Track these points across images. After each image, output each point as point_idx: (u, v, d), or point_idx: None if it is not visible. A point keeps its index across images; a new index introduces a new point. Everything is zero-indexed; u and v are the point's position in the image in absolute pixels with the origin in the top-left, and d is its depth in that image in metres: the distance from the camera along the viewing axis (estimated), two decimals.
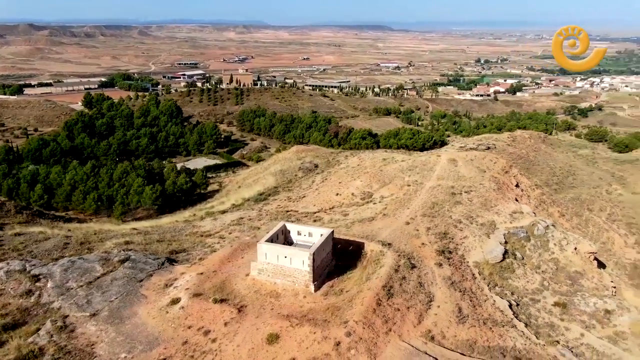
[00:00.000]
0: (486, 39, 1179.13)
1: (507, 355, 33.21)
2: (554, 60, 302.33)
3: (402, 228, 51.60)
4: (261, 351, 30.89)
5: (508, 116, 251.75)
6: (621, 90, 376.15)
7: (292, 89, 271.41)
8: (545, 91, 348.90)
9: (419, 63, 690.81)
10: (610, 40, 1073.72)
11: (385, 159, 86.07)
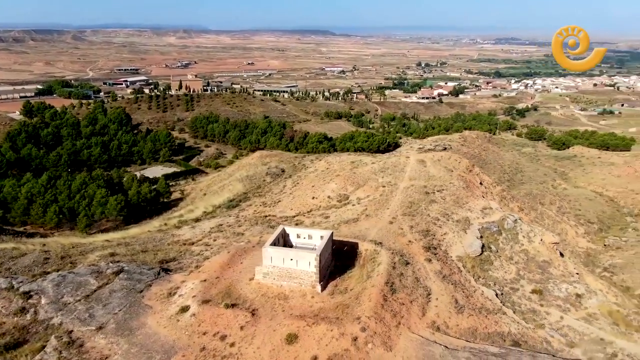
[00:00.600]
0: (425, 43, 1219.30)
1: (507, 340, 35.87)
2: (490, 64, 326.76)
3: (387, 227, 53.73)
4: (282, 351, 31.77)
5: (453, 117, 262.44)
6: (552, 92, 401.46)
7: (243, 95, 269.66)
8: (485, 93, 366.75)
9: (363, 67, 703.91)
10: (538, 45, 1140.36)
11: (354, 162, 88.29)
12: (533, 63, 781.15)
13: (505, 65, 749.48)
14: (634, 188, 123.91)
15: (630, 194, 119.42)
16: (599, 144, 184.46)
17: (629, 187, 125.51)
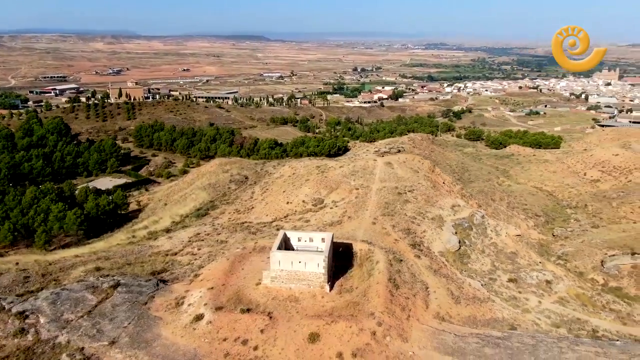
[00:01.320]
0: (359, 49, 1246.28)
1: (504, 324, 38.99)
2: (422, 68, 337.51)
3: (371, 228, 55.97)
4: (306, 351, 32.92)
5: (396, 120, 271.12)
6: (483, 94, 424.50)
7: (187, 102, 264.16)
8: (422, 97, 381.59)
9: (301, 72, 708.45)
10: (465, 50, 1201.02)
11: (320, 167, 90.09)
12: (462, 67, 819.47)
13: (437, 69, 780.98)
14: (569, 182, 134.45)
15: (567, 188, 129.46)
16: (531, 142, 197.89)
17: (564, 181, 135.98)
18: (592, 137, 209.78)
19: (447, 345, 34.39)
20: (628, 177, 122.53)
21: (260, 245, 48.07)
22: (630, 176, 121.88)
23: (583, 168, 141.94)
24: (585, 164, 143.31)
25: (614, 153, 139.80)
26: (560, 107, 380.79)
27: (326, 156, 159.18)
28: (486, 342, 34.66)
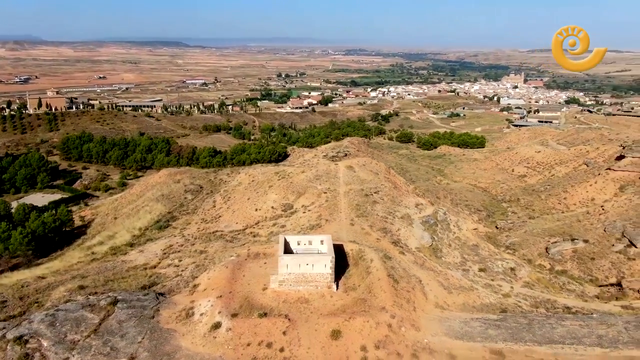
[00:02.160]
0: (281, 55, 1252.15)
1: (496, 308, 42.89)
2: (344, 74, 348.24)
3: (352, 229, 58.41)
4: (332, 347, 34.54)
5: (329, 125, 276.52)
6: (406, 98, 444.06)
7: (113, 111, 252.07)
8: (351, 101, 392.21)
9: (225, 79, 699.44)
10: (383, 56, 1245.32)
11: (278, 173, 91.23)
12: (382, 72, 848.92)
13: (359, 74, 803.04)
14: (500, 179, 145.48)
15: (498, 183, 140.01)
16: (459, 142, 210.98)
17: (495, 178, 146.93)
18: (512, 136, 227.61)
19: (455, 330, 37.48)
20: (551, 171, 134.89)
21: (254, 252, 48.73)
22: (553, 170, 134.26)
23: (510, 165, 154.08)
24: (512, 161, 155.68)
25: (536, 150, 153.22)
26: (477, 109, 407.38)
27: (267, 162, 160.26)
28: (488, 325, 38.17)
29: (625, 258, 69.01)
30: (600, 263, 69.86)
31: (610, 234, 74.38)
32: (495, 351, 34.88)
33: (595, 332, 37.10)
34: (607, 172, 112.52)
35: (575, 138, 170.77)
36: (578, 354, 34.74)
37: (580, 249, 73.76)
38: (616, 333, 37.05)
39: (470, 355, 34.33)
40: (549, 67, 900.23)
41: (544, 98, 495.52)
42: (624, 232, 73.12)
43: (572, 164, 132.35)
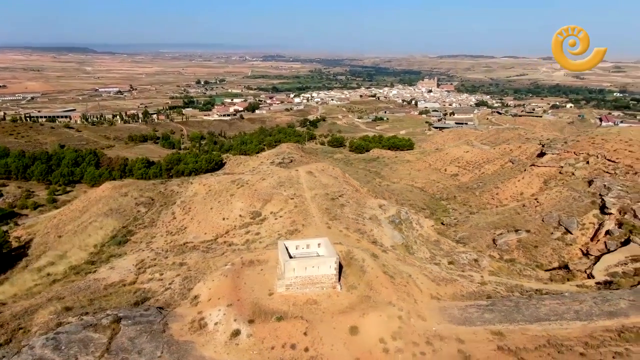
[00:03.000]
0: (197, 61, 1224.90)
1: (482, 295, 47.11)
2: (265, 80, 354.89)
3: (330, 232, 60.58)
4: (353, 342, 36.58)
5: (260, 132, 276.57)
6: (330, 103, 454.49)
7: (28, 123, 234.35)
8: (278, 108, 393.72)
9: (141, 86, 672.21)
10: (301, 62, 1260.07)
11: (234, 181, 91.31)
12: (302, 78, 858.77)
13: (279, 80, 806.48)
14: (434, 178, 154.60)
15: (434, 183, 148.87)
16: (390, 145, 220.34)
17: (430, 178, 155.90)
18: (437, 137, 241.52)
19: (456, 317, 40.98)
20: (481, 169, 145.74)
21: (247, 260, 49.38)
22: (482, 169, 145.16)
23: (442, 165, 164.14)
24: (444, 161, 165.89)
25: (465, 150, 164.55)
26: (397, 112, 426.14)
27: (205, 172, 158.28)
28: (482, 310, 42.12)
29: (563, 244, 77.25)
30: (543, 250, 77.59)
31: (548, 224, 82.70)
32: (495, 332, 38.77)
33: (572, 308, 42.30)
34: (532, 168, 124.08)
35: (496, 138, 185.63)
36: (563, 328, 39.54)
37: (523, 238, 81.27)
38: (589, 307, 42.49)
39: (475, 338, 37.89)
40: (457, 72, 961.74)
41: (456, 101, 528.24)
42: (559, 221, 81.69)
43: (499, 162, 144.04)
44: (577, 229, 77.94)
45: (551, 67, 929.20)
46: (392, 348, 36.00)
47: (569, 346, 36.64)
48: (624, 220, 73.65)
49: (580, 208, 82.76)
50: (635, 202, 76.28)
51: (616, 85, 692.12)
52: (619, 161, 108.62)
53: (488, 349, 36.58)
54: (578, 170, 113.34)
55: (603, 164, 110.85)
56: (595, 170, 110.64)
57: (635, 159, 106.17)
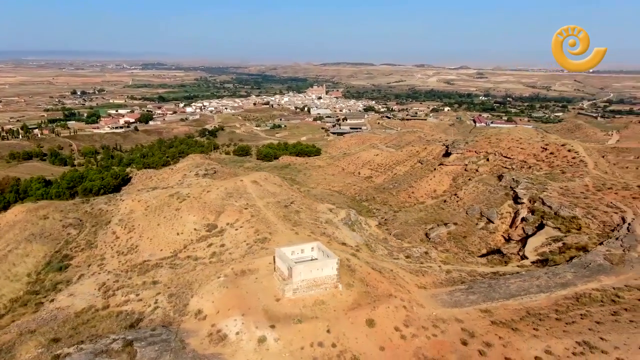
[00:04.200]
0: (68, 69, 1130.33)
1: (457, 281, 53.01)
2: (149, 89, 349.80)
3: (299, 237, 62.89)
4: (372, 333, 39.84)
5: (158, 143, 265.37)
6: (224, 112, 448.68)
7: None
8: (173, 118, 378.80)
9: (6, 98, 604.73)
10: (185, 70, 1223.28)
11: (174, 195, 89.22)
12: (188, 87, 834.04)
13: (164, 89, 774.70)
14: (350, 181, 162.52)
15: (350, 186, 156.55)
16: (297, 152, 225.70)
17: (345, 181, 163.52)
18: (341, 142, 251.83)
19: (448, 302, 46.17)
20: (393, 171, 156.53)
21: (239, 270, 50.14)
22: (395, 170, 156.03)
23: (356, 168, 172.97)
24: (356, 165, 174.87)
25: (375, 154, 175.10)
26: (292, 119, 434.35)
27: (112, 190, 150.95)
28: (466, 293, 47.86)
29: (488, 233, 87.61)
30: (471, 239, 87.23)
31: (472, 216, 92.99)
32: (484, 310, 44.60)
33: (534, 284, 49.83)
34: (441, 167, 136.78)
35: (399, 141, 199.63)
36: (533, 300, 46.64)
37: (453, 230, 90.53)
38: (545, 281, 50.36)
39: (470, 317, 43.31)
40: (341, 79, 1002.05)
41: (345, 107, 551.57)
42: (481, 212, 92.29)
43: (409, 163, 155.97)
44: (498, 219, 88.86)
45: (425, 74, 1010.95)
46: (407, 334, 39.93)
47: (545, 314, 43.62)
48: (534, 208, 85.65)
49: (496, 200, 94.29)
50: (541, 192, 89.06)
51: (481, 89, 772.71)
52: (514, 157, 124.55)
53: (484, 324, 42.14)
54: (481, 167, 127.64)
55: (501, 161, 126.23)
56: (495, 166, 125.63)
57: (527, 155, 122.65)
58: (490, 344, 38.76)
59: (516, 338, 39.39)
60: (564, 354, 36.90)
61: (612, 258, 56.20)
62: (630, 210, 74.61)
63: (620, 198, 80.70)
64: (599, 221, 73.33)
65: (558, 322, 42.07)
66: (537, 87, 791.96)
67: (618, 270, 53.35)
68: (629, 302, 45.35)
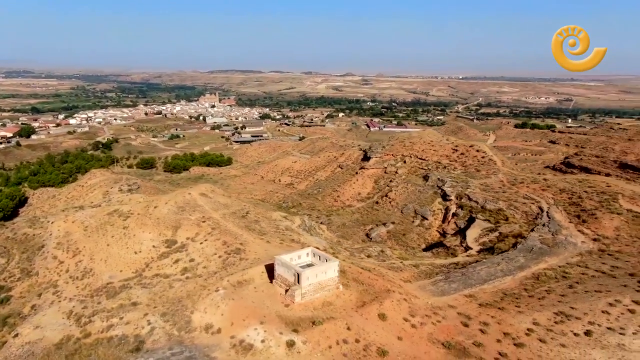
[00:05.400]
0: None
1: (429, 273, 58.41)
2: (18, 100, 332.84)
3: (272, 245, 64.51)
4: (387, 325, 43.28)
5: (49, 159, 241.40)
6: (114, 123, 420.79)
7: None
8: (59, 131, 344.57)
9: None
10: (58, 78, 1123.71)
11: (111, 213, 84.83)
12: (64, 96, 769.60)
13: (36, 100, 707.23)
14: (272, 189, 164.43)
15: (273, 194, 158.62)
16: (208, 162, 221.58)
17: (267, 189, 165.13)
18: (251, 151, 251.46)
19: (435, 291, 51.16)
20: (314, 176, 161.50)
21: (235, 281, 50.54)
22: (316, 176, 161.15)
23: (275, 176, 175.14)
24: (275, 172, 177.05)
25: (293, 161, 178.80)
26: (189, 129, 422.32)
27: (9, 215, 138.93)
28: (447, 283, 53.31)
29: (424, 229, 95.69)
30: (410, 236, 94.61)
31: (407, 214, 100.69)
32: (467, 295, 50.34)
33: (497, 269, 56.96)
34: (362, 171, 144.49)
35: (313, 147, 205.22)
36: (503, 283, 53.53)
37: (392, 229, 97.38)
38: (505, 266, 57.79)
39: (459, 303, 48.70)
40: (231, 86, 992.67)
41: (241, 115, 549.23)
42: (415, 211, 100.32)
43: (329, 169, 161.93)
44: (431, 215, 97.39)
45: (313, 80, 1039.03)
46: (416, 323, 44.03)
47: (518, 293, 50.56)
48: (462, 204, 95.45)
49: (427, 199, 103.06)
50: (465, 189, 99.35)
51: (367, 95, 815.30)
52: (428, 159, 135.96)
53: (474, 307, 47.77)
54: (400, 169, 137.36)
55: (417, 162, 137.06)
56: (413, 168, 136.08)
57: (440, 156, 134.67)
58: (486, 323, 44.28)
59: (505, 316, 45.45)
60: (548, 324, 43.54)
61: (547, 242, 65.82)
62: (543, 200, 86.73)
63: (532, 190, 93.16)
64: (521, 211, 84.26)
65: (531, 299, 49.10)
66: (417, 93, 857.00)
67: (556, 251, 62.81)
68: (576, 276, 54.14)
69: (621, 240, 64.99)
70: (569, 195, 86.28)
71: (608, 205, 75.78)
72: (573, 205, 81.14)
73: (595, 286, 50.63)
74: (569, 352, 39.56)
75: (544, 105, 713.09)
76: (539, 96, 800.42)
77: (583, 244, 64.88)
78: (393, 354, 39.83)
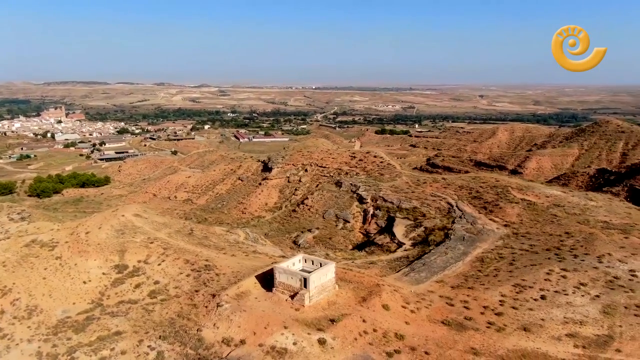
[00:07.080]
0: None
1: (393, 268, 65.31)
2: None
3: (237, 258, 65.92)
4: (393, 314, 48.81)
5: None
6: None
7: None
8: None
9: None
10: None
11: (28, 245, 77.18)
12: None
13: None
14: (169, 206, 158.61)
15: (170, 211, 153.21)
16: (82, 183, 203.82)
17: (163, 207, 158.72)
18: (129, 169, 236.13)
19: (410, 281, 57.94)
20: (214, 190, 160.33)
21: (235, 294, 51.54)
22: (215, 189, 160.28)
23: (169, 193, 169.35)
24: (169, 189, 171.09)
25: (187, 176, 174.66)
26: (38, 148, 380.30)
27: None
28: (416, 272, 60.57)
29: (347, 231, 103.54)
30: (336, 239, 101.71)
31: (329, 219, 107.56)
32: (438, 281, 58.24)
33: (448, 257, 66.14)
34: (266, 182, 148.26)
35: (202, 161, 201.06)
36: (458, 267, 62.64)
37: (317, 234, 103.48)
38: (452, 255, 67.25)
39: (436, 288, 56.23)
40: (74, 99, 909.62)
41: (95, 130, 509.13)
42: (336, 215, 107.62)
43: (228, 181, 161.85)
44: (352, 218, 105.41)
45: (168, 92, 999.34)
46: (413, 309, 50.36)
47: (475, 275, 59.99)
48: (379, 205, 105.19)
49: (345, 203, 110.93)
50: (378, 191, 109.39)
51: (227, 106, 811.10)
52: (329, 166, 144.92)
53: (448, 290, 55.75)
54: (302, 177, 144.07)
55: (319, 170, 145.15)
56: (315, 176, 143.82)
57: (340, 163, 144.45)
58: (466, 301, 52.39)
59: (478, 293, 54.17)
60: (512, 294, 53.18)
61: (471, 231, 77.53)
62: (449, 197, 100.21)
63: (435, 189, 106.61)
64: (434, 208, 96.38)
65: (488, 277, 58.80)
66: (276, 103, 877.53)
67: (482, 238, 74.54)
68: (509, 255, 65.64)
69: (525, 224, 79.40)
70: (468, 190, 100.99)
71: (505, 196, 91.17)
72: (475, 199, 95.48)
73: (528, 262, 62.28)
74: (536, 313, 49.22)
75: (392, 112, 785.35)
76: (387, 104, 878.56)
77: (499, 230, 77.86)
78: (409, 336, 45.51)
